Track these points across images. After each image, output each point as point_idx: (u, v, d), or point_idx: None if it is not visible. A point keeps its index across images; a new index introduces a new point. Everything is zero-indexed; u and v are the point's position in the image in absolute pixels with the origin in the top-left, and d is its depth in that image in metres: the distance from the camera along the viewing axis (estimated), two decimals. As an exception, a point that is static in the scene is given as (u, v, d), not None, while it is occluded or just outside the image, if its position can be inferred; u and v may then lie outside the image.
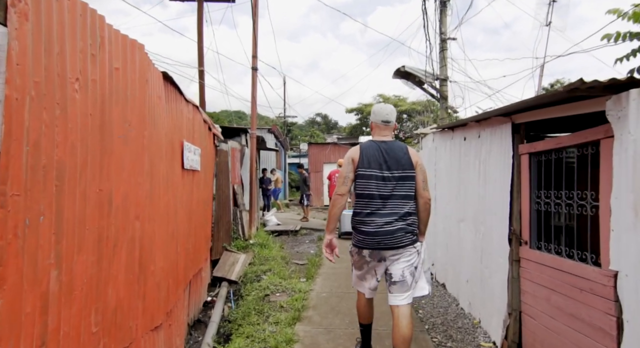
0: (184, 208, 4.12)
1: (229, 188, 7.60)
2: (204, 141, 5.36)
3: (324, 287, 5.55)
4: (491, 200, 3.84)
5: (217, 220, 6.85)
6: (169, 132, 3.53)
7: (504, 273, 3.51)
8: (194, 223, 4.73)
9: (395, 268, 2.94)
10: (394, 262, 2.95)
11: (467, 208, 4.53)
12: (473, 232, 4.31)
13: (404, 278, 2.92)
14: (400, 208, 2.92)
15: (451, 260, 5.09)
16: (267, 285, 5.43)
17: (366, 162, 2.96)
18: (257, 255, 7.32)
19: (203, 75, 8.45)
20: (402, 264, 2.93)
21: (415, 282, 2.99)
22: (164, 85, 3.39)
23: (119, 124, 2.46)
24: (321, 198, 19.75)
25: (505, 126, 3.56)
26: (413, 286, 2.98)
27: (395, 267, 2.94)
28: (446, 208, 5.32)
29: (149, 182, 2.95)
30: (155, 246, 3.07)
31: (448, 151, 5.27)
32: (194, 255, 4.72)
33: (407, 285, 2.93)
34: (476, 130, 4.29)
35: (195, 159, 4.66)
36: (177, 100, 3.83)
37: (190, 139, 4.42)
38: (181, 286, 3.93)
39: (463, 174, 4.66)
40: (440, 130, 5.74)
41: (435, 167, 5.89)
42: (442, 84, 8.88)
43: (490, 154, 3.87)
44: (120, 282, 2.47)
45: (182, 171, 4.01)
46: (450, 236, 5.13)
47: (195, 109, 4.68)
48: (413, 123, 36.65)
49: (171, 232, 3.57)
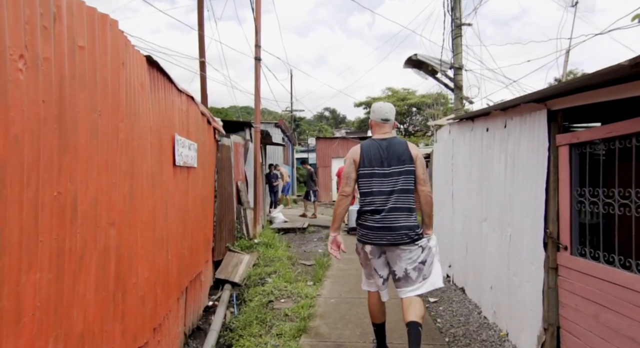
0: (176, 209, 3.73)
1: (232, 185, 7.21)
2: (201, 135, 4.97)
3: (332, 292, 5.15)
4: (521, 198, 3.39)
5: (219, 219, 6.48)
6: (156, 125, 3.13)
7: (538, 282, 3.06)
8: (191, 225, 4.35)
9: (398, 266, 3.00)
10: (396, 259, 2.99)
11: (490, 207, 4.08)
12: (498, 234, 3.86)
13: (407, 274, 2.97)
14: (402, 204, 2.97)
15: (471, 263, 4.65)
16: (271, 290, 5.04)
17: (367, 161, 3.04)
18: (262, 256, 6.94)
19: (204, 67, 8.04)
20: (404, 262, 2.97)
21: (423, 278, 3.01)
22: (148, 72, 2.99)
23: (86, 113, 2.06)
24: (329, 193, 19.34)
25: (538, 114, 3.10)
26: (420, 280, 3.00)
27: (398, 265, 3.00)
28: (465, 206, 4.87)
29: (129, 182, 2.56)
30: (137, 255, 2.68)
31: (467, 143, 4.81)
32: (191, 260, 4.34)
33: (412, 280, 2.98)
34: (501, 120, 3.83)
35: (191, 155, 4.26)
36: (166, 89, 3.43)
37: (184, 132, 4.02)
38: (173, 295, 3.55)
39: (486, 168, 4.20)
40: (458, 121, 5.27)
41: (453, 161, 5.43)
42: (456, 72, 8.36)
43: (520, 146, 3.42)
44: (89, 301, 2.08)
45: (173, 168, 3.61)
46: (471, 237, 4.69)
47: (189, 100, 4.28)
48: (423, 116, 36.05)
49: (160, 237, 3.18)
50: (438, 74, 8.59)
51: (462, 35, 8.24)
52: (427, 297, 4.96)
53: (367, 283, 3.24)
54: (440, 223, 6.12)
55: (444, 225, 5.85)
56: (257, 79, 7.50)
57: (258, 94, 7.55)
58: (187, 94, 4.14)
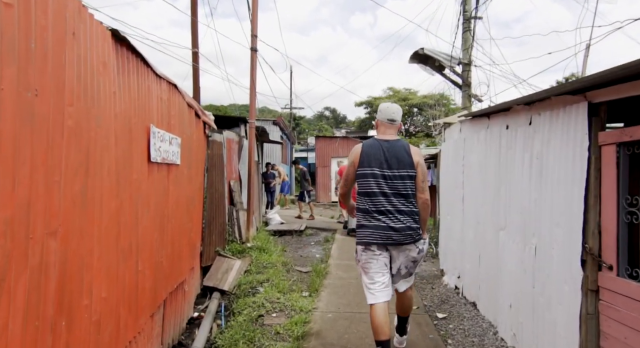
0: (152, 212, 3.25)
1: (224, 185, 6.73)
2: (187, 129, 4.49)
3: (329, 305, 4.67)
4: (550, 205, 2.91)
5: (208, 221, 6.00)
6: (125, 113, 2.65)
7: (573, 306, 2.59)
8: (171, 229, 3.87)
9: (395, 264, 3.13)
10: (397, 257, 3.11)
11: (510, 214, 3.61)
12: (519, 245, 3.39)
13: (399, 272, 3.16)
14: (402, 207, 3.03)
15: (485, 276, 4.17)
16: (262, 302, 4.56)
17: (366, 161, 3.06)
18: (255, 261, 6.46)
19: (197, 58, 7.55)
20: (402, 259, 3.11)
21: (410, 273, 3.21)
22: (114, 49, 2.51)
23: (11, 91, 1.58)
24: (329, 194, 18.86)
25: (576, 108, 2.63)
26: (407, 276, 3.22)
27: (396, 262, 3.12)
28: (478, 212, 4.39)
29: (81, 181, 2.08)
30: (92, 269, 2.19)
31: (482, 143, 4.33)
32: (171, 269, 3.86)
33: (401, 275, 3.19)
34: (525, 116, 3.36)
35: (172, 150, 3.78)
36: (140, 72, 2.95)
37: (164, 124, 3.54)
38: (145, 313, 3.07)
39: (504, 171, 3.73)
40: (471, 118, 4.80)
41: (464, 162, 4.96)
42: (465, 68, 7.90)
43: (549, 146, 2.94)
44: (14, 336, 1.60)
45: (148, 165, 3.13)
46: (484, 246, 4.21)
47: (172, 89, 3.80)
48: (424, 117, 35.62)
49: (127, 246, 2.70)
50: (445, 70, 8.13)
51: (471, 29, 7.77)
52: (435, 312, 4.48)
53: (370, 293, 3.04)
54: (448, 230, 5.65)
55: (452, 231, 5.38)
56: (252, 70, 7.01)
57: (254, 86, 7.06)
58: (168, 81, 3.66)
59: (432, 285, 5.60)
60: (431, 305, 4.77)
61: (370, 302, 3.02)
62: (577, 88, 2.58)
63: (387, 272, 3.07)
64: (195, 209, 5.15)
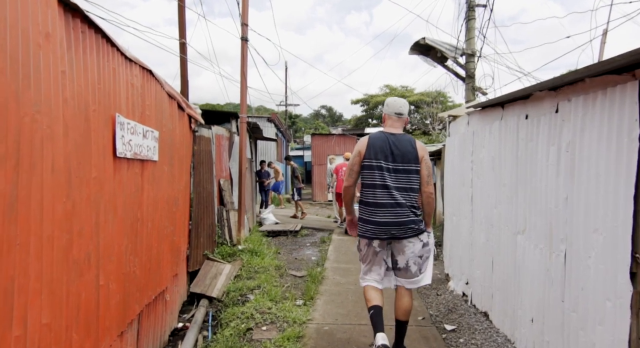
0: (120, 215, 2.79)
1: (213, 183, 6.28)
2: (168, 122, 4.04)
3: (326, 315, 4.23)
4: (585, 206, 2.48)
5: (196, 222, 5.55)
6: (78, 99, 2.20)
7: (619, 328, 2.16)
8: (148, 234, 3.42)
9: (401, 257, 3.10)
10: (400, 251, 3.09)
11: (531, 216, 3.18)
12: (544, 251, 2.96)
13: (407, 266, 3.09)
14: (405, 200, 3.02)
15: (499, 284, 3.75)
16: (251, 313, 4.12)
17: (372, 153, 3.06)
18: (246, 265, 6.01)
19: (185, 49, 7.07)
20: (408, 254, 3.08)
21: (420, 271, 3.14)
22: (63, 20, 2.05)
23: None
24: (325, 193, 18.43)
25: (621, 90, 2.19)
26: (418, 274, 3.14)
27: (401, 256, 3.10)
28: (491, 213, 3.96)
29: (8, 179, 1.62)
30: (26, 292, 1.74)
31: (495, 136, 3.90)
32: (147, 279, 3.42)
33: (412, 272, 3.11)
34: (550, 103, 2.93)
35: (148, 145, 3.33)
36: (102, 52, 2.49)
37: (136, 115, 3.09)
38: (110, 334, 2.62)
39: (524, 166, 3.30)
40: (481, 109, 4.37)
41: (473, 158, 4.53)
42: (468, 59, 7.47)
43: (584, 136, 2.51)
44: None
45: (114, 160, 2.68)
46: (498, 251, 3.78)
47: (146, 75, 3.34)
48: (421, 114, 35.30)
49: (82, 258, 2.24)
50: (448, 62, 7.70)
51: (475, 17, 7.34)
52: (443, 323, 4.06)
53: (365, 279, 3.23)
54: (454, 231, 5.22)
55: (459, 233, 4.95)
56: (243, 61, 6.54)
57: (244, 78, 6.60)
58: (142, 66, 3.20)
59: (437, 291, 5.18)
60: (437, 314, 4.35)
61: (363, 284, 3.23)
62: (623, 65, 2.15)
63: (383, 267, 3.18)
64: (180, 210, 4.70)
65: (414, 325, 3.95)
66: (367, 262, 3.19)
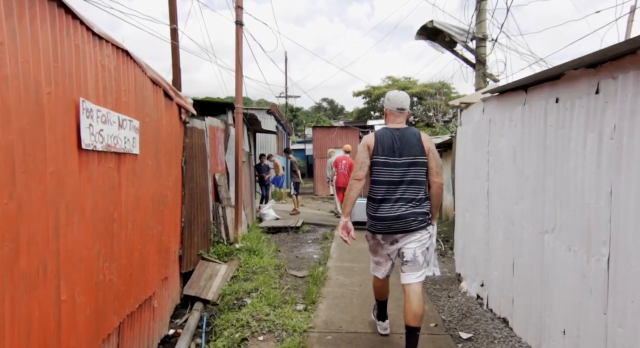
0: (89, 217, 2.41)
1: (207, 178, 5.89)
2: (151, 111, 3.64)
3: (329, 322, 3.86)
4: (635, 202, 2.08)
5: (189, 220, 5.18)
6: (24, 77, 1.81)
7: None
8: (127, 236, 3.04)
9: (407, 249, 3.06)
10: (406, 243, 3.06)
11: (561, 213, 2.78)
12: (580, 255, 2.57)
13: (415, 258, 3.03)
14: (411, 194, 3.03)
15: (522, 289, 3.36)
16: (247, 320, 3.75)
17: (380, 150, 3.06)
18: (244, 265, 5.64)
19: (177, 35, 6.65)
20: (414, 244, 3.04)
21: (427, 263, 3.11)
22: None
23: None
24: (327, 187, 18.03)
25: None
26: (425, 266, 3.09)
27: (407, 247, 3.06)
28: (512, 209, 3.57)
29: None
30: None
31: (516, 123, 3.50)
32: (129, 285, 3.04)
33: (419, 264, 3.04)
34: (587, 82, 2.52)
35: (126, 136, 2.94)
36: (59, 24, 2.09)
37: (108, 101, 2.69)
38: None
39: (553, 157, 2.90)
40: (498, 94, 3.96)
41: (489, 149, 4.12)
42: (479, 44, 7.03)
43: (634, 120, 2.10)
44: None
45: (79, 153, 2.29)
46: (521, 252, 3.39)
47: (123, 56, 2.94)
48: (424, 106, 34.80)
49: (34, 269, 1.86)
50: (457, 47, 7.26)
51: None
52: (458, 331, 3.68)
53: (375, 269, 3.34)
54: (466, 228, 4.83)
55: (473, 231, 4.56)
56: (238, 47, 6.10)
57: (240, 66, 6.17)
58: (116, 45, 2.80)
59: (448, 292, 4.80)
60: (451, 320, 3.97)
61: (372, 273, 3.38)
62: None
63: (390, 261, 3.24)
64: (169, 208, 4.32)
65: (425, 333, 3.58)
66: (375, 253, 3.29)
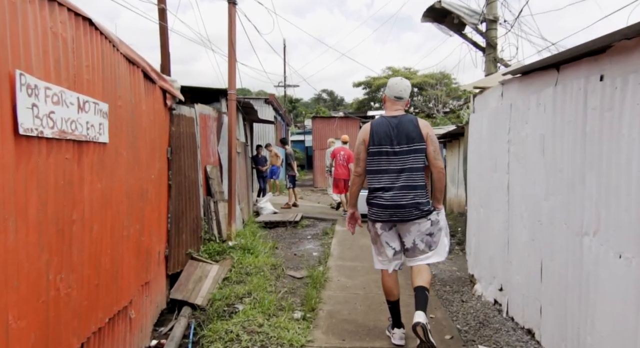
0: (33, 220, 1.95)
1: (197, 171, 5.43)
2: (127, 94, 3.17)
3: (330, 334, 3.42)
4: None
5: (176, 217, 4.73)
6: None
7: None
8: (92, 240, 2.58)
9: (407, 239, 3.12)
10: (406, 232, 3.10)
11: (609, 212, 2.33)
12: (635, 263, 2.12)
13: (415, 245, 3.10)
14: (411, 182, 3.04)
15: (553, 298, 2.92)
16: (237, 333, 3.31)
17: (377, 140, 3.09)
18: (237, 265, 5.21)
19: (165, 16, 6.13)
20: (414, 234, 3.08)
21: (430, 249, 3.12)
22: None
23: None
24: (326, 179, 17.58)
25: None
26: (427, 251, 3.11)
27: (407, 237, 3.11)
28: (541, 207, 3.11)
29: None
30: None
31: (546, 107, 3.02)
32: (94, 299, 2.59)
33: (420, 250, 3.10)
34: (648, 53, 2.05)
35: (89, 121, 2.47)
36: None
37: (62, 77, 2.21)
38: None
39: (597, 145, 2.43)
40: (520, 75, 3.48)
41: (509, 138, 3.66)
42: (489, 26, 6.53)
43: None
44: None
45: (15, 140, 1.82)
46: (552, 255, 2.94)
47: (84, 25, 2.45)
48: (425, 97, 34.22)
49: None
50: (466, 29, 6.76)
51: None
52: (477, 344, 3.25)
53: (379, 261, 3.29)
54: (481, 225, 4.38)
55: (489, 228, 4.11)
56: (231, 27, 5.59)
57: (233, 48, 5.67)
58: (73, 10, 2.31)
59: (461, 296, 4.37)
60: (467, 330, 3.54)
61: (377, 267, 3.31)
62: None
63: (391, 249, 3.18)
64: (151, 204, 3.87)
65: (440, 347, 3.14)
66: (376, 244, 3.27)
